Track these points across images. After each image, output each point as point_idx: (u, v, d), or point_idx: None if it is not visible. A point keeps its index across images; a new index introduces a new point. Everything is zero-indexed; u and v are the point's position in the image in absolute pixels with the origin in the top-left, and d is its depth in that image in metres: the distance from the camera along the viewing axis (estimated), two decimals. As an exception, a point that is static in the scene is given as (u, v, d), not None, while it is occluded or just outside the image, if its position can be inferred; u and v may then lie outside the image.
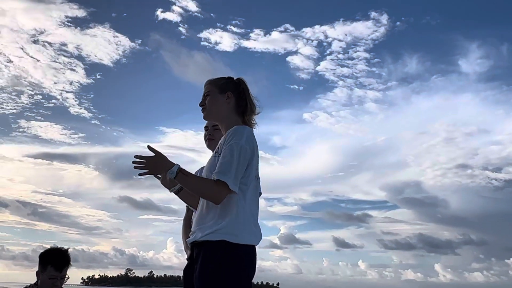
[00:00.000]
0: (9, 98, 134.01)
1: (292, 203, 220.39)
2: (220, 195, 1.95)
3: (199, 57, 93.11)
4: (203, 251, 1.95)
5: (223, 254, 1.90)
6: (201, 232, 1.99)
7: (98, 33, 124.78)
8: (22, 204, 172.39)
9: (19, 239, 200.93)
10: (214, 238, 1.93)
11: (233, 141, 2.01)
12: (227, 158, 1.97)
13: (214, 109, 2.21)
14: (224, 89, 2.21)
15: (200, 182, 1.99)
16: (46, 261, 2.74)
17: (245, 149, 2.02)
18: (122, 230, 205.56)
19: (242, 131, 2.07)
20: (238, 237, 1.94)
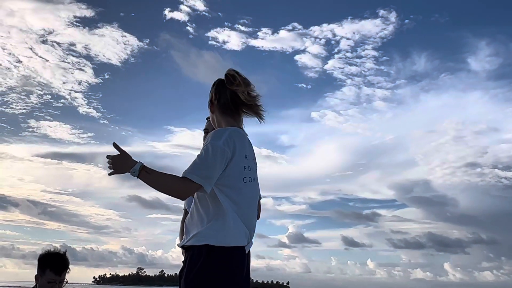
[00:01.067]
0: (19, 98, 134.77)
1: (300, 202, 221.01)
2: (185, 191, 1.92)
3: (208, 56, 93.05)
4: (189, 256, 1.95)
5: (206, 259, 1.89)
6: (186, 237, 2.00)
7: (107, 32, 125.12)
8: (32, 203, 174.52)
9: (29, 238, 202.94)
10: (197, 243, 1.93)
11: (210, 141, 1.98)
12: (198, 157, 1.96)
13: (212, 124, 2.25)
14: (210, 100, 2.21)
15: (165, 178, 1.91)
16: (45, 265, 2.73)
17: (221, 149, 1.97)
18: (131, 229, 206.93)
19: (222, 133, 2.03)
20: (220, 239, 1.91)
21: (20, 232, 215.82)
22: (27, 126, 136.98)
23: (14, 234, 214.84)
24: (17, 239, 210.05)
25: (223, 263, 1.89)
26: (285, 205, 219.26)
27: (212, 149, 1.95)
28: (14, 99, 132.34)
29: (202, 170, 1.91)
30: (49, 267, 2.71)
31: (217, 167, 1.94)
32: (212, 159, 1.93)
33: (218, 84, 2.19)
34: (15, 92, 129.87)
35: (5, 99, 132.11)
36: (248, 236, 2.02)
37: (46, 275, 2.71)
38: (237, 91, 2.11)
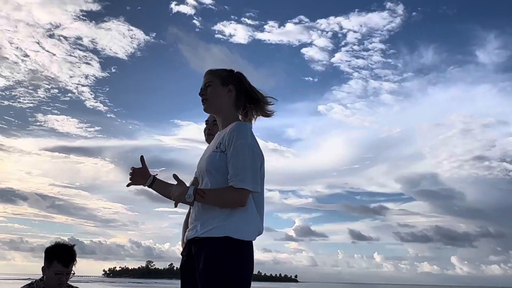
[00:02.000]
0: (26, 92, 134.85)
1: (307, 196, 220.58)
2: (244, 200, 1.93)
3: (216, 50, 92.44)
4: (207, 247, 1.92)
5: (226, 250, 1.90)
6: (202, 228, 1.96)
7: (113, 26, 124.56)
8: (40, 197, 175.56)
9: (37, 232, 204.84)
10: (217, 234, 1.91)
11: (241, 140, 1.96)
12: (239, 160, 1.94)
13: (215, 101, 2.15)
14: (226, 81, 2.15)
15: (221, 194, 1.94)
16: (52, 257, 2.75)
17: (257, 149, 2.00)
18: (138, 223, 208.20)
19: (246, 128, 2.02)
20: (242, 233, 1.92)
21: (28, 226, 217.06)
22: (35, 120, 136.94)
23: (22, 227, 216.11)
24: (26, 232, 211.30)
25: (243, 256, 1.92)
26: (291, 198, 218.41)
27: (251, 150, 1.96)
28: (22, 93, 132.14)
29: (254, 176, 1.94)
30: (57, 259, 2.72)
31: (258, 167, 1.99)
32: (256, 160, 1.97)
33: (238, 77, 2.19)
34: (22, 86, 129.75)
35: (12, 93, 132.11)
36: (262, 229, 2.05)
37: (53, 267, 2.72)
38: (252, 92, 2.18)
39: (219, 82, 2.14)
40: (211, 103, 2.14)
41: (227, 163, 1.96)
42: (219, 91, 2.13)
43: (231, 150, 1.95)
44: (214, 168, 1.98)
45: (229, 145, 1.96)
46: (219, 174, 1.96)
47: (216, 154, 2.00)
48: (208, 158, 2.04)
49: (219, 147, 2.01)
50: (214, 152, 2.02)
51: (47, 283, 2.76)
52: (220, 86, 2.13)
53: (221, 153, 1.99)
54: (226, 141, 1.98)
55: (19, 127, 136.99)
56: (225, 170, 1.96)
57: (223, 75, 2.16)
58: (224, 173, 1.96)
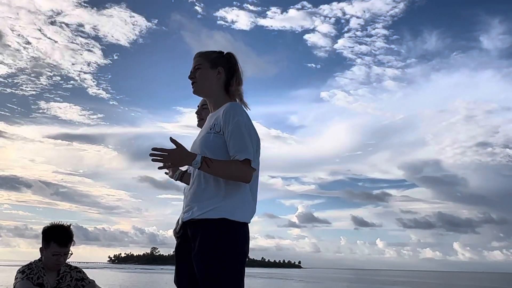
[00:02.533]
0: (28, 79, 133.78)
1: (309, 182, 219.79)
2: (249, 174, 1.93)
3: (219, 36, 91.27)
4: (203, 229, 1.92)
5: (222, 232, 1.90)
6: (199, 209, 1.95)
7: (115, 13, 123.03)
8: (44, 184, 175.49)
9: (41, 218, 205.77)
10: (214, 216, 1.91)
11: (237, 117, 1.97)
12: (240, 137, 1.94)
13: (205, 84, 2.14)
14: (216, 63, 2.15)
15: (227, 165, 1.92)
16: (49, 238, 2.75)
17: (251, 126, 2.01)
18: (141, 210, 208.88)
19: (240, 108, 2.04)
20: (238, 215, 1.93)
21: (32, 213, 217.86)
22: (38, 107, 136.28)
23: (26, 214, 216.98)
24: (30, 219, 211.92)
25: (238, 237, 1.92)
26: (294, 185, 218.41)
27: (248, 128, 1.97)
28: (24, 81, 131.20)
29: (251, 149, 1.94)
30: (53, 240, 2.73)
31: (255, 145, 2.00)
32: (252, 137, 1.98)
33: (227, 58, 2.17)
34: (24, 73, 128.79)
35: (15, 81, 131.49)
36: (255, 211, 2.04)
37: (51, 248, 2.73)
38: (240, 74, 2.17)
39: (208, 65, 2.13)
40: (200, 86, 2.14)
41: (225, 142, 1.95)
42: (208, 74, 2.12)
43: (229, 128, 1.94)
44: (209, 148, 1.96)
45: (226, 124, 1.96)
46: (214, 154, 1.93)
47: (210, 135, 1.99)
48: (202, 139, 2.03)
49: (214, 128, 2.00)
50: (208, 133, 2.01)
51: (46, 263, 2.77)
52: (209, 68, 2.13)
53: (215, 134, 1.98)
54: (222, 121, 1.98)
55: (22, 115, 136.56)
56: (220, 150, 1.95)
57: (212, 57, 2.15)
58: (220, 153, 1.94)
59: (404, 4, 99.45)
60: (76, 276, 2.85)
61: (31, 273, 2.72)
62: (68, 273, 2.84)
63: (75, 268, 2.89)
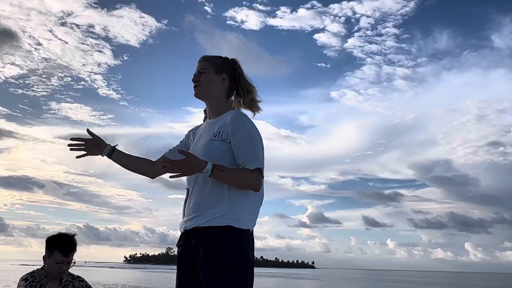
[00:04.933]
0: (40, 80, 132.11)
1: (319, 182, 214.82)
2: (260, 183, 1.94)
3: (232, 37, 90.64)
4: (207, 237, 1.91)
5: (228, 239, 1.89)
6: (202, 218, 1.93)
7: (125, 14, 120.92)
8: (55, 184, 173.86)
9: (52, 218, 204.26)
10: (219, 224, 1.90)
11: (246, 126, 1.98)
12: (250, 145, 1.95)
13: (208, 88, 2.12)
14: (221, 69, 2.13)
15: (239, 174, 1.93)
16: (53, 246, 2.78)
17: (260, 135, 2.01)
18: (151, 210, 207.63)
19: (248, 117, 2.05)
20: (242, 222, 1.92)
21: (44, 213, 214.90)
22: (49, 108, 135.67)
23: (38, 214, 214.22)
24: (42, 219, 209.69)
25: (243, 244, 1.91)
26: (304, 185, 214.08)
27: (257, 136, 1.98)
28: (35, 82, 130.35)
29: (262, 158, 1.96)
30: (57, 248, 2.75)
31: (263, 153, 2.01)
32: (261, 146, 1.99)
33: (232, 64, 2.17)
34: (36, 75, 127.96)
35: (26, 82, 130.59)
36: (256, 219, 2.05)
37: (54, 256, 2.76)
38: (245, 81, 2.16)
39: (214, 70, 2.12)
40: (203, 90, 2.12)
41: (231, 150, 1.97)
42: (213, 79, 2.11)
43: (238, 136, 1.95)
44: (215, 156, 1.95)
45: (235, 132, 1.96)
46: (221, 161, 1.93)
47: (215, 142, 1.99)
48: (206, 145, 2.01)
49: (219, 135, 1.99)
50: (213, 140, 2.00)
51: (48, 271, 2.79)
52: (214, 73, 2.12)
53: (221, 141, 1.98)
54: (229, 129, 1.97)
55: (33, 116, 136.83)
56: (226, 158, 1.95)
57: (218, 62, 2.14)
58: (225, 161, 1.94)
59: (415, 3, 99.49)
60: (78, 285, 2.88)
61: (34, 281, 2.77)
62: (70, 282, 2.86)
63: (77, 277, 2.91)
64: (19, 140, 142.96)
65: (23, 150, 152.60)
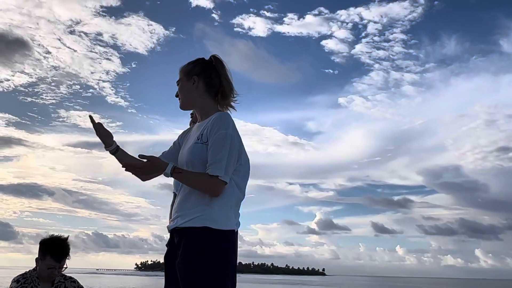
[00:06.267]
0: (49, 88, 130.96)
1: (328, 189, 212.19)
2: (217, 188, 1.94)
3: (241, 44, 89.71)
4: (186, 237, 1.94)
5: (205, 240, 1.90)
6: (182, 218, 1.97)
7: (133, 21, 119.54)
8: (64, 192, 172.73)
9: (61, 226, 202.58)
10: (196, 225, 1.92)
11: (221, 130, 1.97)
12: (218, 150, 1.95)
13: (185, 98, 2.15)
14: (189, 73, 2.14)
15: (196, 177, 1.96)
16: (45, 251, 2.77)
17: (234, 138, 2.00)
18: (160, 217, 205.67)
19: (227, 118, 2.03)
20: (220, 223, 1.92)
21: (53, 220, 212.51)
22: (58, 116, 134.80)
23: (47, 221, 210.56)
24: (50, 226, 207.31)
25: (222, 245, 1.91)
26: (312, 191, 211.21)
27: (229, 140, 1.96)
28: (45, 90, 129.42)
29: (229, 166, 1.95)
30: (50, 253, 2.74)
31: (235, 158, 2.00)
32: (232, 151, 1.97)
33: (206, 63, 2.16)
34: (45, 83, 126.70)
35: (35, 90, 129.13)
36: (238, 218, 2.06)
37: (46, 261, 2.75)
38: (221, 76, 2.13)
39: (184, 77, 2.14)
40: (182, 101, 2.15)
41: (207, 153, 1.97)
42: (185, 86, 2.13)
43: (211, 140, 1.97)
44: (196, 159, 1.99)
45: (210, 135, 1.98)
46: (202, 165, 1.96)
47: (198, 145, 2.01)
48: (189, 149, 2.04)
49: (201, 138, 2.01)
50: (196, 143, 2.02)
51: (40, 274, 2.79)
52: (186, 81, 2.14)
53: (202, 144, 2.00)
54: (208, 132, 1.99)
55: (42, 123, 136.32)
56: (205, 161, 1.96)
57: (187, 68, 2.16)
58: (205, 164, 1.95)
59: (422, 8, 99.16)
60: (70, 286, 2.87)
61: (26, 282, 2.77)
62: (62, 283, 2.85)
63: (69, 278, 2.89)
64: (29, 147, 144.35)
65: (32, 157, 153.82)
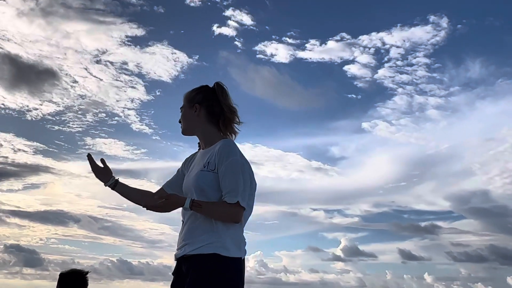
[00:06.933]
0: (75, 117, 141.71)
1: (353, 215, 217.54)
2: (238, 215, 1.98)
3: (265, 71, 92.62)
4: (195, 264, 1.95)
5: (214, 267, 1.91)
6: (190, 246, 1.99)
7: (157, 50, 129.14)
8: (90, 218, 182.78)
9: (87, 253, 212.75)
10: (206, 251, 1.94)
11: (231, 157, 2.00)
12: (232, 177, 1.98)
13: (186, 125, 2.20)
14: (192, 101, 2.19)
15: (217, 208, 1.98)
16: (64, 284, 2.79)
17: (245, 164, 2.04)
18: None
19: (234, 146, 2.07)
20: (229, 250, 1.95)
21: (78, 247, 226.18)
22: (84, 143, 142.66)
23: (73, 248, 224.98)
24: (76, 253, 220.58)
25: (231, 272, 1.92)
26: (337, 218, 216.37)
27: (241, 167, 2.00)
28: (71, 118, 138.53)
29: (245, 192, 1.98)
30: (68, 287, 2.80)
31: (248, 184, 2.03)
32: (245, 177, 2.01)
33: (208, 91, 2.19)
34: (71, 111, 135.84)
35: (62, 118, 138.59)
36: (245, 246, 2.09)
37: None
38: (224, 104, 2.15)
39: (187, 104, 2.18)
40: (184, 127, 2.19)
41: (219, 181, 1.99)
42: (188, 114, 2.17)
43: (223, 168, 1.98)
44: (205, 185, 2.00)
45: (220, 163, 1.99)
46: (210, 192, 1.99)
47: (205, 173, 2.02)
48: (196, 176, 2.04)
49: (208, 166, 2.02)
50: (203, 170, 2.03)
51: None
52: (188, 108, 2.17)
53: (210, 171, 2.01)
54: (216, 160, 2.01)
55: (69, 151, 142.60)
56: (215, 188, 1.99)
57: (190, 96, 2.20)
58: (214, 191, 1.98)
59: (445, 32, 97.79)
60: None
61: None
62: None
63: None
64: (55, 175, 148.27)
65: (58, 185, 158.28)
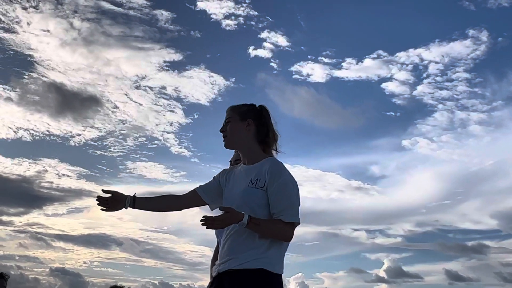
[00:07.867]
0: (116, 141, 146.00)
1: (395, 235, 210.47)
2: (291, 234, 2.02)
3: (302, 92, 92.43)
4: (240, 279, 1.95)
5: (261, 281, 1.93)
6: (236, 261, 1.98)
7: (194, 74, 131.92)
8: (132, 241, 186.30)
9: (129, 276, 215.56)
10: (252, 266, 1.95)
11: (282, 177, 2.04)
12: (286, 196, 2.02)
13: (234, 137, 2.18)
14: (245, 116, 2.18)
15: (273, 226, 1.99)
16: None
17: (295, 183, 2.08)
18: None
19: (283, 166, 2.10)
20: (275, 267, 1.98)
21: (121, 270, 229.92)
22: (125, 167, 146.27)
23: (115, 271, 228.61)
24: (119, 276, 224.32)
25: None
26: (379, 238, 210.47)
27: (293, 186, 2.05)
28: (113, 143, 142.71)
29: (298, 211, 2.03)
30: None
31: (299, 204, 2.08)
32: (298, 197, 2.06)
33: (257, 110, 2.22)
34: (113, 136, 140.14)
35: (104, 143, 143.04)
36: None
37: None
38: (271, 128, 2.20)
39: (238, 118, 2.17)
40: (230, 139, 2.18)
41: (267, 199, 2.01)
42: (238, 127, 2.16)
43: (275, 186, 2.01)
44: (253, 202, 2.01)
45: (272, 182, 2.01)
46: (258, 209, 2.00)
47: (253, 190, 2.03)
48: (244, 192, 2.06)
49: (256, 183, 2.04)
50: (251, 187, 2.05)
51: None
52: (239, 121, 2.17)
53: (258, 189, 2.02)
54: (267, 178, 2.03)
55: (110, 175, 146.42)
56: (264, 205, 2.01)
57: (242, 110, 2.20)
58: (262, 208, 2.00)
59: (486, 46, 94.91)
60: None
61: None
62: None
63: None
64: None
65: None
